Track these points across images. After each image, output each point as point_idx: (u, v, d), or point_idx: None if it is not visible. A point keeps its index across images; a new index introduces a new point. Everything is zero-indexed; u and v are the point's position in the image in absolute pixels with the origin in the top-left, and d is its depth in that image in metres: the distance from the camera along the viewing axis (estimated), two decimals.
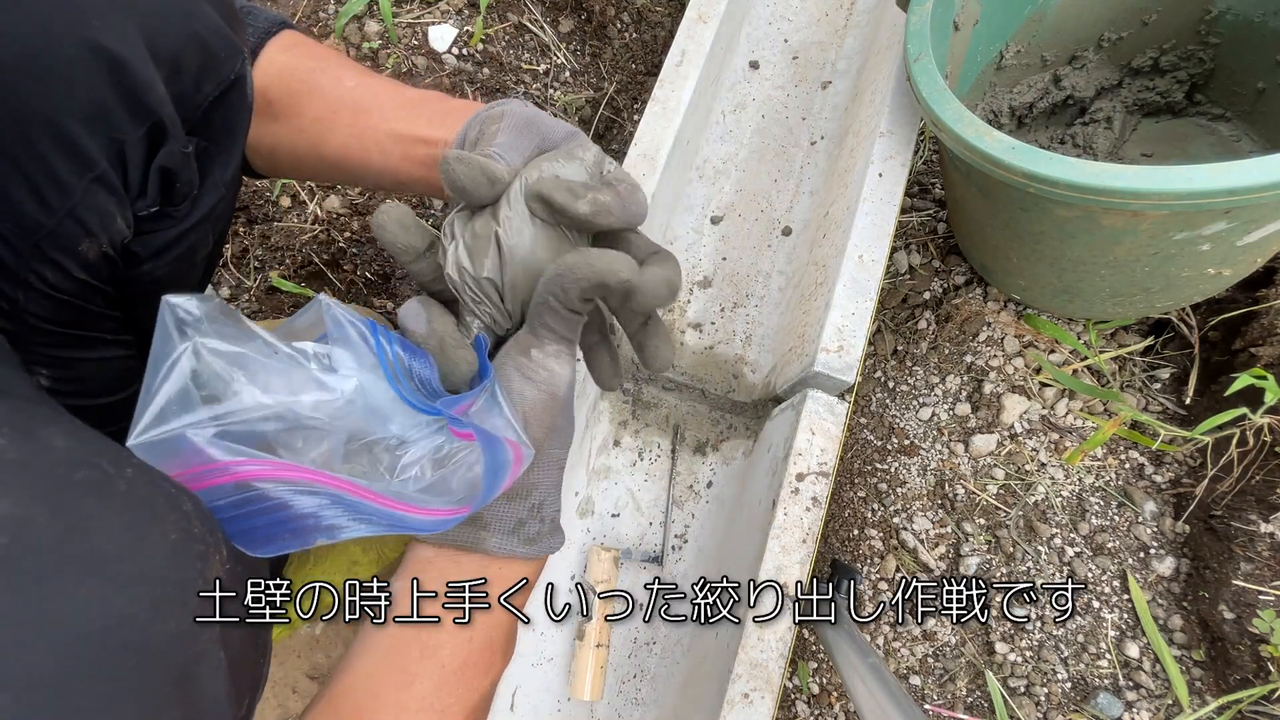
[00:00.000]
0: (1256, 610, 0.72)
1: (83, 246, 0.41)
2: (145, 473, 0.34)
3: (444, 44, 0.97)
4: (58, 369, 0.48)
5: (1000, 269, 0.83)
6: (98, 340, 0.50)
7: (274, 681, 0.73)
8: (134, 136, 0.39)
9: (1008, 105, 0.93)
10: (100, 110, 0.37)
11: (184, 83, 0.41)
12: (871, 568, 0.81)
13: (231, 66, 0.43)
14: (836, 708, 0.77)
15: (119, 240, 0.43)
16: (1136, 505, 0.82)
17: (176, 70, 0.40)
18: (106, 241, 0.42)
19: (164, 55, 0.39)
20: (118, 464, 0.33)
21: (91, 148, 0.38)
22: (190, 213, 0.46)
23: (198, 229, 0.48)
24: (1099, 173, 0.57)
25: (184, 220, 0.46)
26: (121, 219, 0.42)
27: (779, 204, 0.97)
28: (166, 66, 0.39)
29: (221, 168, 0.47)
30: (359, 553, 0.71)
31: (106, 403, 0.54)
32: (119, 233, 0.42)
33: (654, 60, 1.12)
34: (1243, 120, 0.89)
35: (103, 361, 0.51)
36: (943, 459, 0.85)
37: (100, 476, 0.32)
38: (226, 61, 0.43)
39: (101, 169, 0.39)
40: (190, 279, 0.54)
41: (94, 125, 0.37)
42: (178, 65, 0.40)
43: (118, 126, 0.38)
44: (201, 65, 0.42)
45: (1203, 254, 0.66)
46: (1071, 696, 0.76)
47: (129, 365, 0.54)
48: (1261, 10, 0.81)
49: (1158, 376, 0.87)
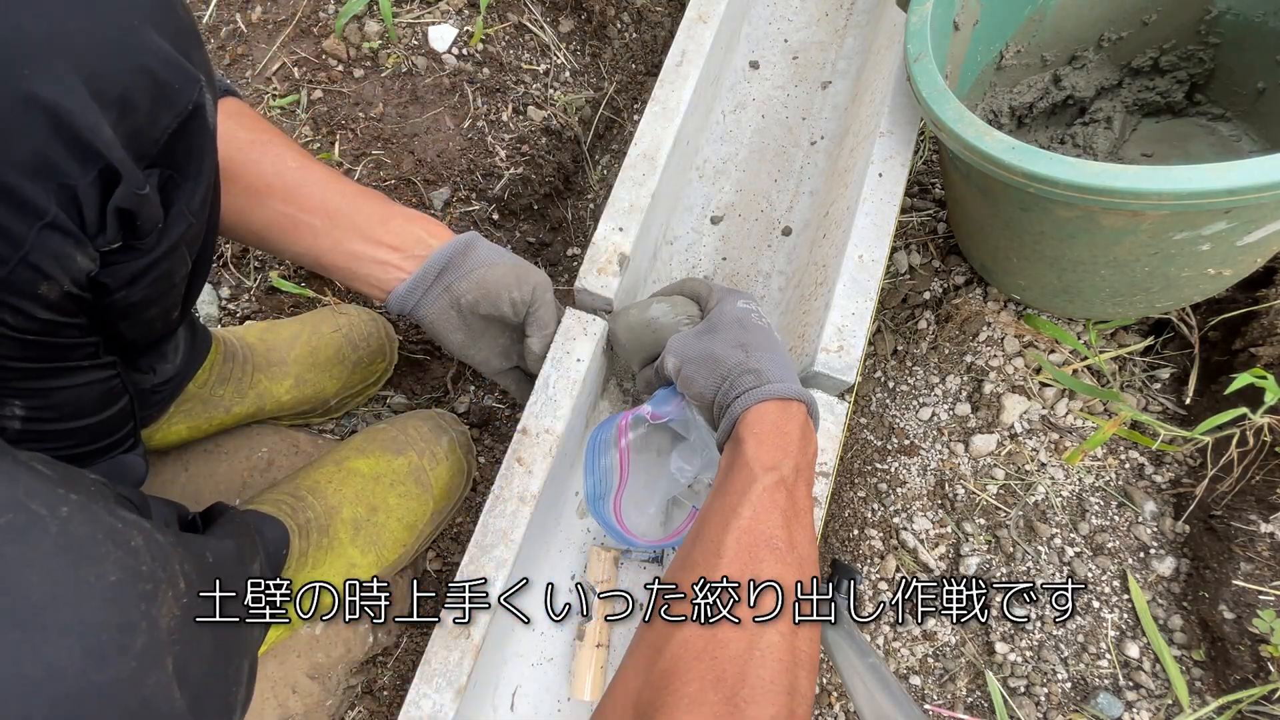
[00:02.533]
0: (1256, 610, 0.72)
1: (42, 289, 0.40)
2: (84, 510, 0.33)
3: (444, 44, 0.97)
4: (32, 399, 0.47)
5: (1000, 269, 0.83)
6: (73, 369, 0.49)
7: (274, 681, 0.73)
8: (84, 181, 0.38)
9: (1008, 105, 0.92)
10: (43, 161, 0.36)
11: (137, 119, 0.39)
12: (871, 568, 0.81)
13: (189, 95, 0.42)
14: (836, 708, 0.77)
15: (82, 277, 0.42)
16: (1136, 505, 0.82)
17: (127, 108, 0.39)
18: (69, 281, 0.41)
19: (110, 95, 0.37)
20: (51, 504, 0.32)
21: (38, 196, 0.36)
22: (158, 243, 0.45)
23: (169, 256, 0.47)
24: (1099, 173, 0.57)
25: (152, 251, 0.45)
26: (84, 257, 0.41)
27: (779, 204, 0.97)
28: (114, 106, 0.38)
29: (188, 196, 0.46)
30: (357, 555, 0.71)
31: (90, 423, 0.53)
32: (80, 270, 0.41)
33: (654, 60, 1.12)
34: (1243, 120, 0.89)
35: (82, 386, 0.50)
36: (943, 459, 0.85)
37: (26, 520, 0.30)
38: (182, 91, 0.41)
39: (52, 215, 0.37)
40: (169, 299, 0.53)
41: (38, 175, 0.36)
42: (127, 103, 0.38)
43: (65, 174, 0.37)
44: (155, 99, 0.40)
45: (1203, 254, 0.66)
46: (1071, 696, 0.76)
47: (111, 386, 0.54)
48: (1261, 10, 0.81)
49: (1158, 376, 0.87)
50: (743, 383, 0.58)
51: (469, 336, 0.68)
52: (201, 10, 1.00)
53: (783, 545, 0.49)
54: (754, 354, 0.60)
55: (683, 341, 0.64)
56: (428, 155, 0.93)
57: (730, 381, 0.59)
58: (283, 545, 0.65)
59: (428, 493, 0.76)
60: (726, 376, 0.59)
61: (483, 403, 0.91)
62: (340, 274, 0.63)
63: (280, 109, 0.95)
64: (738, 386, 0.58)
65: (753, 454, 0.53)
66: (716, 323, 0.64)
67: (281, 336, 0.80)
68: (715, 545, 0.49)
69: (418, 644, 0.81)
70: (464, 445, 0.81)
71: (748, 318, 0.63)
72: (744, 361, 0.59)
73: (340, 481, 0.72)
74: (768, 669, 0.43)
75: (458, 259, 0.64)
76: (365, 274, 0.63)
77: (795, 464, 0.53)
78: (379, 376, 0.87)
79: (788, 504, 0.51)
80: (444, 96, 0.96)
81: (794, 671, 0.44)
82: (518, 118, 0.97)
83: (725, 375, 0.59)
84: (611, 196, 0.77)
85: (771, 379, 0.58)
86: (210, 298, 0.91)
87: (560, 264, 1.01)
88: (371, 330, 0.84)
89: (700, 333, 0.64)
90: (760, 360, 0.59)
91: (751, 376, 0.58)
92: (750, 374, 0.58)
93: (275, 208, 0.60)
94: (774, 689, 0.43)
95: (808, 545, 0.51)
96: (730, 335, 0.62)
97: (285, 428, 0.84)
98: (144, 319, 0.52)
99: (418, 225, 0.64)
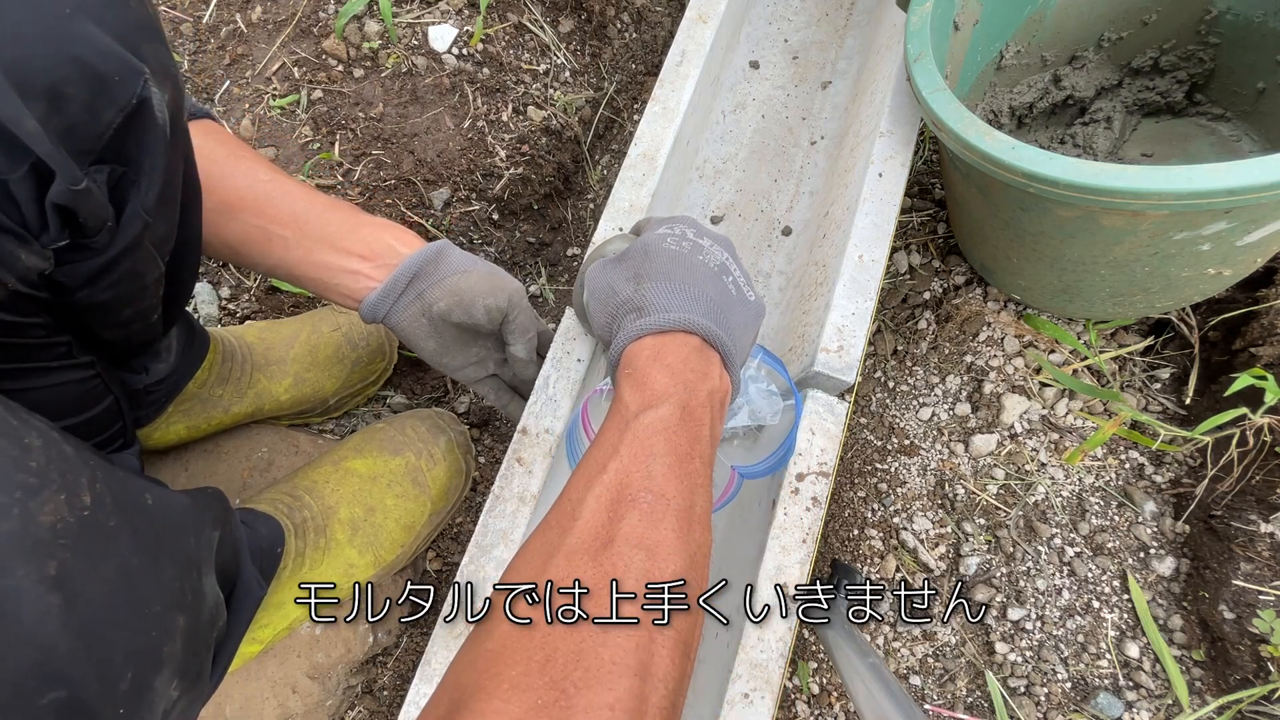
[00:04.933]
0: (1256, 610, 0.72)
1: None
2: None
3: (444, 44, 0.97)
4: None
5: (1000, 269, 0.83)
6: (43, 369, 0.48)
7: (274, 681, 0.73)
8: (14, 176, 0.37)
9: (1008, 105, 0.92)
10: None
11: (72, 112, 0.38)
12: (871, 568, 0.81)
13: (131, 89, 0.40)
14: (836, 708, 0.77)
15: (31, 275, 0.41)
16: (1136, 505, 0.82)
17: (57, 101, 0.37)
18: (14, 279, 0.40)
19: (36, 86, 0.36)
20: None
21: None
22: (112, 242, 0.44)
23: (130, 255, 0.46)
24: (1099, 173, 0.57)
25: (107, 250, 0.44)
26: (29, 255, 0.40)
27: (779, 204, 0.97)
28: (42, 98, 0.37)
29: (143, 194, 0.44)
30: (355, 555, 0.71)
31: (73, 424, 0.53)
32: (27, 269, 0.40)
33: (654, 60, 1.12)
34: (1243, 120, 0.89)
35: (57, 387, 0.50)
36: (943, 459, 0.85)
37: None
38: (123, 84, 0.40)
39: None
40: (143, 301, 0.52)
41: None
42: (57, 95, 0.37)
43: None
44: (92, 92, 0.39)
45: (1203, 254, 0.66)
46: (1071, 696, 0.76)
47: (90, 386, 0.53)
48: (1261, 10, 0.81)
49: (1158, 376, 0.87)
50: (624, 321, 0.51)
51: (441, 345, 0.67)
52: (201, 10, 1.00)
53: (652, 498, 0.41)
54: (645, 285, 0.52)
55: (592, 270, 0.58)
56: (428, 155, 0.93)
57: (618, 323, 0.52)
58: (278, 543, 0.65)
59: (425, 494, 0.76)
60: (615, 314, 0.53)
61: (482, 403, 0.91)
62: (313, 285, 0.62)
63: (280, 109, 0.95)
64: (621, 328, 0.51)
65: (626, 397, 0.46)
66: (627, 252, 0.56)
67: (280, 336, 0.80)
68: (572, 507, 0.42)
69: (418, 644, 0.81)
70: (462, 446, 0.81)
71: (660, 244, 0.54)
72: (631, 296, 0.52)
73: (338, 482, 0.72)
74: (610, 647, 0.36)
75: (429, 267, 0.63)
76: (336, 284, 0.62)
77: (680, 400, 0.45)
78: (378, 376, 0.87)
79: (666, 446, 0.43)
80: (444, 96, 0.96)
81: (649, 648, 0.36)
82: (518, 118, 0.97)
83: (613, 314, 0.53)
84: (611, 196, 0.77)
85: (653, 310, 0.50)
86: (210, 298, 0.91)
87: (560, 264, 1.01)
88: (371, 330, 0.84)
89: (606, 263, 0.57)
90: (649, 292, 0.51)
91: (634, 313, 0.51)
92: (633, 310, 0.51)
93: (247, 221, 0.60)
94: (616, 670, 0.35)
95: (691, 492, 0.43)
96: (630, 266, 0.54)
97: (285, 428, 0.84)
98: (119, 320, 0.51)
99: (388, 234, 0.63)
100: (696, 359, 0.48)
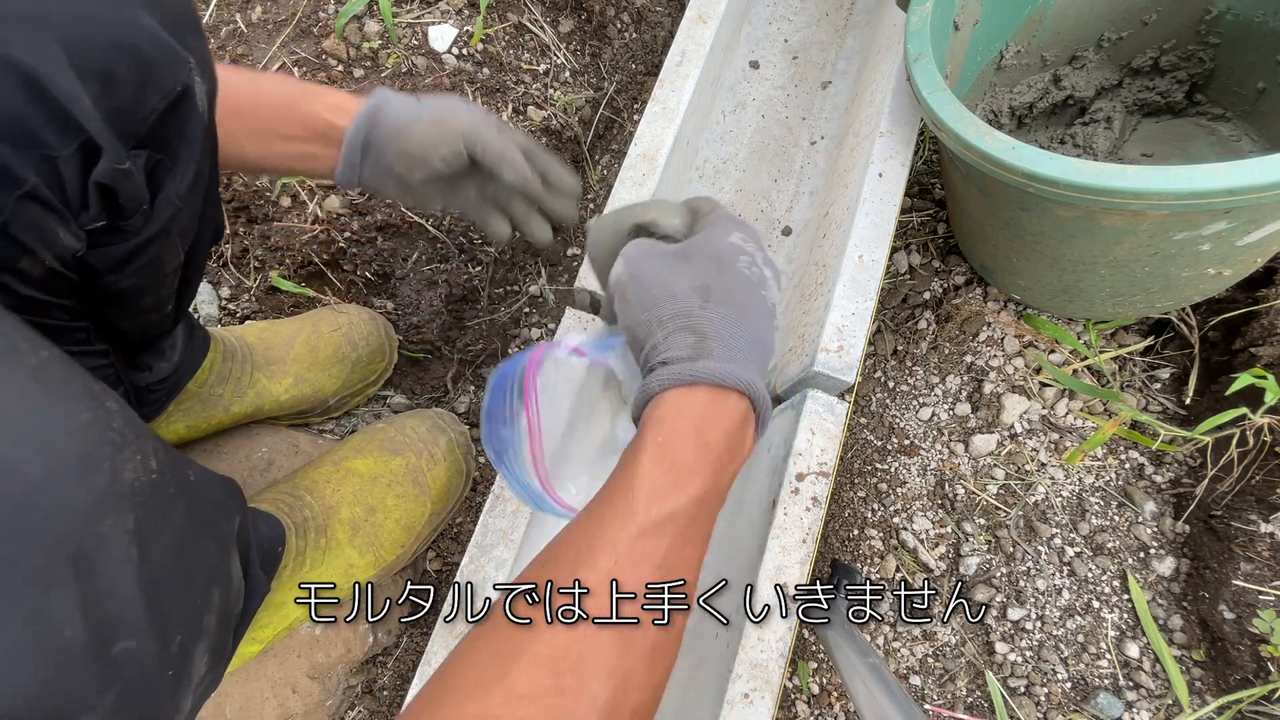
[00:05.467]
0: (1256, 610, 0.72)
1: (24, 264, 0.40)
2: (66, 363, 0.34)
3: (444, 44, 0.97)
4: None
5: (1000, 269, 0.83)
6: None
7: (274, 681, 0.73)
8: (65, 153, 0.38)
9: (1008, 105, 0.92)
10: (21, 128, 0.36)
11: (121, 96, 0.39)
12: (871, 568, 0.81)
13: (177, 77, 0.42)
14: (836, 708, 0.77)
15: (67, 255, 0.42)
16: (1136, 505, 0.82)
17: (110, 83, 0.39)
18: (51, 257, 0.41)
19: (91, 68, 0.37)
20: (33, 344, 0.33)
21: (16, 164, 0.37)
22: (144, 226, 0.45)
23: (157, 241, 0.47)
24: (1099, 173, 0.57)
25: (139, 234, 0.45)
26: (67, 234, 0.41)
27: (779, 204, 0.97)
28: (96, 79, 0.38)
29: (177, 181, 0.45)
30: (355, 555, 0.71)
31: None
32: (64, 248, 0.41)
33: (654, 60, 1.12)
34: (1243, 120, 0.89)
35: None
36: (943, 459, 0.85)
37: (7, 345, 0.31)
38: (170, 71, 0.41)
39: (31, 185, 0.37)
40: (161, 290, 0.53)
41: (17, 143, 0.36)
42: (110, 78, 0.39)
43: (45, 143, 0.37)
44: (141, 77, 0.40)
45: (1203, 254, 0.66)
46: (1071, 696, 0.76)
47: (105, 375, 0.54)
48: (1261, 10, 0.81)
49: (1158, 376, 0.87)
50: (674, 344, 0.43)
51: (424, 197, 0.63)
52: (202, 10, 1.00)
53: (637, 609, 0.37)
54: (712, 307, 0.44)
55: (641, 250, 0.49)
56: None
57: (665, 335, 0.44)
58: (279, 542, 0.65)
59: (425, 494, 0.76)
60: (664, 325, 0.45)
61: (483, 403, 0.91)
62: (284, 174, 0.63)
63: None
64: (668, 347, 0.44)
65: (645, 473, 0.40)
66: (692, 249, 0.48)
67: (281, 335, 0.80)
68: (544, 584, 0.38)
69: (418, 644, 0.81)
70: (463, 446, 0.81)
71: (734, 258, 0.47)
72: (692, 313, 0.44)
73: (338, 481, 0.72)
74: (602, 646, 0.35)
75: (373, 134, 0.60)
76: (301, 169, 0.61)
77: (699, 493, 0.40)
78: (378, 376, 0.87)
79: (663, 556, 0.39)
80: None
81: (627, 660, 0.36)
82: (518, 118, 0.97)
83: (663, 322, 0.45)
84: (611, 196, 0.77)
85: (715, 352, 0.43)
86: (210, 298, 0.91)
87: (560, 264, 1.01)
88: (371, 329, 0.84)
89: (668, 252, 0.48)
90: (714, 319, 0.44)
91: (690, 339, 0.43)
92: (692, 335, 0.43)
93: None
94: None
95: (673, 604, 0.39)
96: (697, 269, 0.46)
97: (285, 427, 0.84)
98: (137, 308, 0.52)
99: (320, 104, 0.60)
100: (738, 433, 0.43)
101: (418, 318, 0.91)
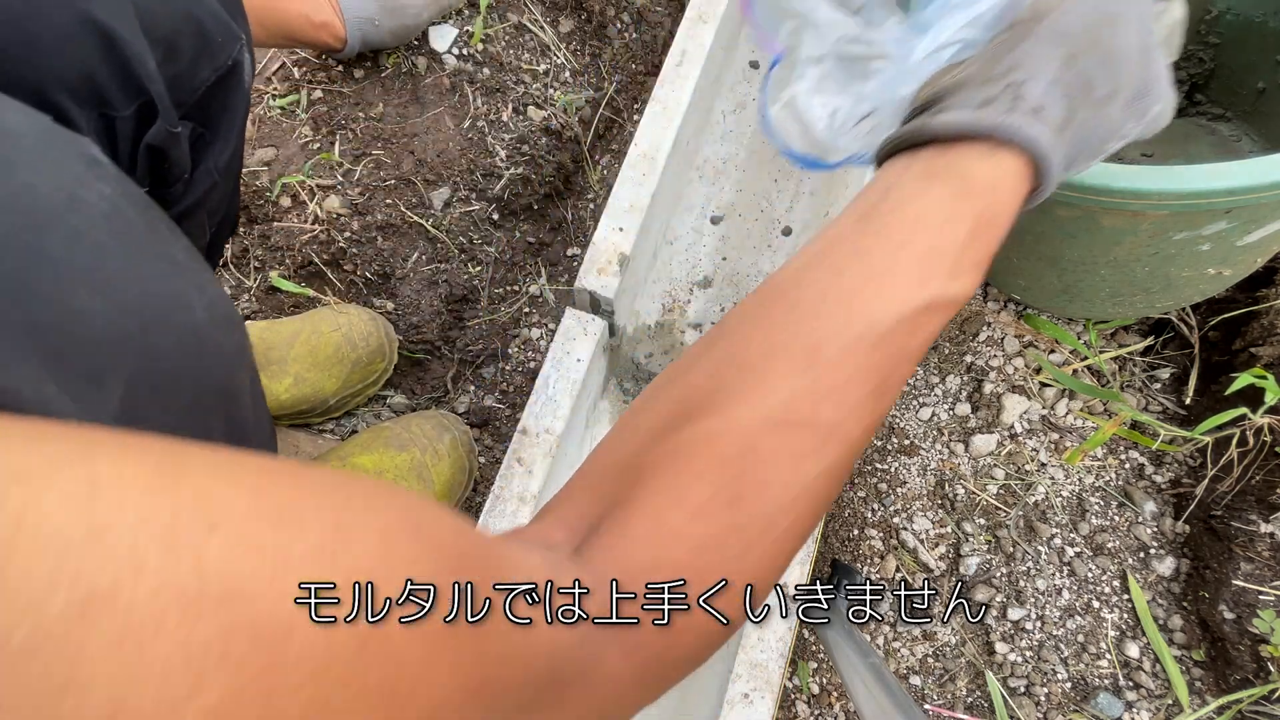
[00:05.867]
0: (1256, 610, 0.72)
1: None
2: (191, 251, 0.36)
3: (444, 44, 0.97)
4: None
5: (1000, 269, 0.83)
6: None
7: None
8: (124, 114, 0.39)
9: None
10: (90, 83, 0.37)
11: (179, 64, 0.41)
12: (871, 568, 0.81)
13: (229, 52, 0.44)
14: (836, 708, 0.77)
15: None
16: (1136, 505, 0.82)
17: (172, 50, 0.40)
18: None
19: (158, 34, 0.39)
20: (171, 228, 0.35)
21: (79, 121, 0.38)
22: (183, 196, 0.47)
23: (193, 215, 0.48)
24: (1099, 173, 0.57)
25: (178, 203, 0.46)
26: None
27: (779, 204, 0.97)
28: (161, 46, 0.39)
29: (216, 155, 0.47)
30: None
31: None
32: None
33: (654, 60, 1.12)
34: (1243, 120, 0.89)
35: None
36: (943, 459, 0.85)
37: (167, 225, 0.33)
38: (223, 47, 0.43)
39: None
40: None
41: (82, 99, 0.37)
42: (173, 46, 0.40)
43: (107, 102, 0.38)
44: (198, 49, 0.42)
45: (1203, 254, 0.66)
46: (1071, 696, 0.76)
47: None
48: (1261, 10, 0.81)
49: (1158, 376, 0.87)
50: (1062, 93, 0.33)
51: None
52: None
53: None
54: (1154, 56, 0.36)
55: None
56: (428, 155, 0.93)
57: (1071, 69, 0.34)
58: None
59: (429, 489, 0.76)
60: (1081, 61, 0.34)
61: (483, 403, 0.91)
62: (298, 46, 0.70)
63: (280, 109, 0.95)
64: (1055, 87, 0.33)
65: (956, 241, 0.34)
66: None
67: (281, 335, 0.80)
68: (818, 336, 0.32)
69: None
70: (466, 445, 0.82)
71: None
72: (1147, 66, 0.35)
73: None
74: None
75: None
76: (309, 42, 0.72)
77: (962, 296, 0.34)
78: (378, 376, 0.87)
79: (917, 349, 0.33)
80: (444, 96, 0.96)
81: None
82: (518, 118, 0.97)
83: (1130, 69, 0.35)
84: (611, 196, 0.77)
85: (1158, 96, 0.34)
86: None
87: (560, 264, 1.01)
88: (371, 330, 0.84)
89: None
90: (1164, 82, 0.35)
91: (1089, 112, 0.33)
92: (1093, 109, 0.34)
93: None
94: None
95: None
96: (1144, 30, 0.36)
97: (285, 428, 0.84)
98: None
99: None
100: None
101: (418, 318, 0.91)
